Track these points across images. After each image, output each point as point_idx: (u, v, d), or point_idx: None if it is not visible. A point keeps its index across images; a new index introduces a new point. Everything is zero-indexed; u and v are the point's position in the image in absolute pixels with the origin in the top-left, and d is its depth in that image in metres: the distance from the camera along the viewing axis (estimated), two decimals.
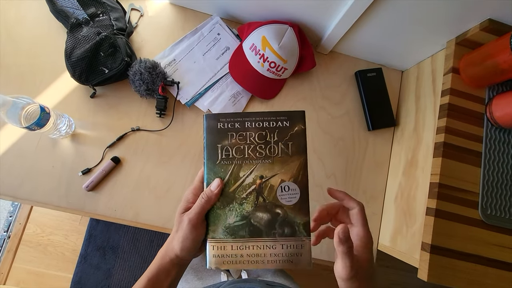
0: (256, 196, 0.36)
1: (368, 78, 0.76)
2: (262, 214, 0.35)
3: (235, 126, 0.37)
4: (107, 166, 0.63)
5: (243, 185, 0.36)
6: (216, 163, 0.36)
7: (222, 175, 0.36)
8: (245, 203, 0.36)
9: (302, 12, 0.66)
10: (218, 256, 0.35)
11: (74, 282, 1.29)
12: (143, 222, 0.64)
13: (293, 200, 0.35)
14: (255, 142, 0.36)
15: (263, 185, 0.36)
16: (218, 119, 0.37)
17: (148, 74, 0.62)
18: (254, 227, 0.35)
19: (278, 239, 0.35)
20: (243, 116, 0.37)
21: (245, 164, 0.36)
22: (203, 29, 0.70)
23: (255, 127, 0.36)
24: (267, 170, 0.36)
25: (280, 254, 0.35)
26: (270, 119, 0.37)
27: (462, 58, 0.59)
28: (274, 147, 0.36)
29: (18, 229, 1.33)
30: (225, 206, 0.36)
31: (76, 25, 0.62)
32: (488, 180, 0.56)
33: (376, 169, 0.75)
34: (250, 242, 0.35)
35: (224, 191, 0.36)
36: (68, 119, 0.63)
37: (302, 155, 0.36)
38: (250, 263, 0.35)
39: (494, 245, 0.54)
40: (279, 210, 0.35)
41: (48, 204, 0.61)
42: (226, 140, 0.36)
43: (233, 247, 0.35)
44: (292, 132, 0.37)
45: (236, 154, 0.36)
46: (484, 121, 0.58)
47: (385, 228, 0.70)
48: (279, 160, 0.36)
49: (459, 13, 0.56)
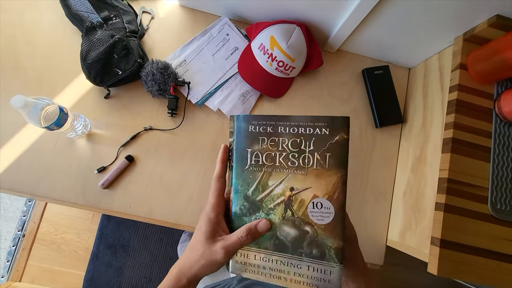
0: (284, 208, 0.33)
1: (375, 76, 0.77)
2: (289, 229, 0.33)
3: (267, 130, 0.33)
4: (122, 164, 0.65)
5: (271, 195, 0.33)
6: (245, 169, 0.34)
7: (250, 182, 0.34)
8: (272, 214, 0.33)
9: (309, 11, 0.67)
10: (241, 263, 0.34)
11: (86, 279, 1.32)
12: (156, 219, 0.66)
13: (325, 220, 0.32)
14: (288, 149, 0.33)
15: (293, 198, 0.33)
16: (249, 121, 0.34)
17: (160, 75, 0.64)
18: (280, 241, 0.33)
19: (305, 259, 0.32)
20: (277, 120, 0.33)
21: (275, 173, 0.33)
22: (212, 30, 0.72)
23: (289, 132, 0.33)
24: (299, 182, 0.32)
25: (305, 275, 0.32)
26: (307, 124, 0.32)
27: (470, 54, 0.59)
28: (309, 157, 0.32)
29: (33, 228, 1.37)
30: (251, 214, 0.34)
31: (90, 29, 0.65)
32: (498, 175, 0.56)
33: (384, 166, 0.75)
34: (274, 256, 0.33)
35: (251, 199, 0.34)
36: (84, 120, 0.65)
37: (341, 169, 0.32)
38: (272, 277, 0.33)
39: (505, 240, 0.55)
40: (308, 228, 0.32)
41: (66, 202, 0.64)
42: (256, 144, 0.34)
43: (256, 257, 0.33)
44: (331, 142, 0.32)
45: (267, 161, 0.33)
46: (492, 116, 0.58)
47: (393, 224, 0.71)
48: (314, 172, 0.32)
49: (467, 10, 0.56)
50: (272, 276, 0.33)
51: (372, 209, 0.73)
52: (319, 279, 0.32)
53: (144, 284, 1.35)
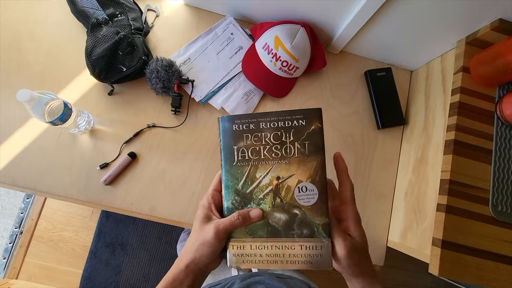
0: (273, 196, 0.35)
1: (378, 78, 0.77)
2: (279, 215, 0.35)
3: (250, 127, 0.36)
4: (124, 161, 0.65)
5: (260, 186, 0.36)
6: (233, 165, 0.36)
7: (239, 177, 0.36)
8: (262, 204, 0.35)
9: (314, 12, 0.67)
10: (238, 255, 0.35)
11: (84, 277, 1.32)
12: (158, 216, 0.66)
13: (311, 201, 0.35)
14: (271, 142, 0.36)
15: (280, 185, 0.35)
16: (233, 121, 0.36)
17: (165, 72, 0.64)
18: (272, 227, 0.35)
19: (297, 239, 0.35)
20: (258, 117, 0.36)
21: (261, 165, 0.36)
22: (217, 29, 0.72)
23: (270, 127, 0.36)
24: (283, 170, 0.35)
25: (299, 255, 0.35)
26: (285, 118, 0.36)
27: (472, 57, 0.60)
28: (290, 147, 0.35)
29: (30, 225, 1.36)
30: (243, 206, 0.36)
31: (96, 25, 0.65)
32: (499, 178, 0.57)
33: (385, 167, 0.76)
34: (268, 242, 0.35)
35: (241, 192, 0.36)
36: (88, 115, 0.65)
37: (319, 154, 0.35)
38: (269, 263, 0.35)
39: (505, 242, 0.55)
40: (296, 211, 0.35)
41: (68, 197, 0.63)
42: (241, 141, 0.36)
43: (252, 246, 0.35)
44: (308, 131, 0.35)
45: (252, 156, 0.36)
46: (494, 119, 0.59)
47: (394, 225, 0.71)
48: (296, 160, 0.35)
49: (470, 13, 0.57)
50: (269, 261, 0.35)
51: (373, 210, 0.73)
52: (312, 256, 0.34)
53: (142, 283, 1.34)
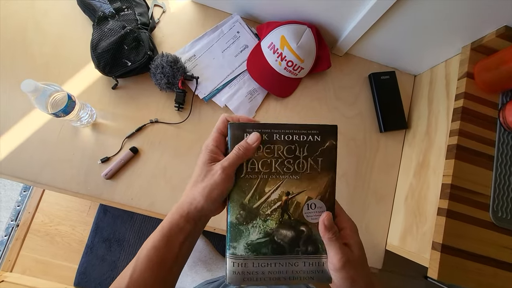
0: (281, 213, 0.34)
1: (382, 81, 0.78)
2: (286, 232, 0.34)
3: (263, 138, 0.34)
4: (126, 155, 0.65)
5: (268, 201, 0.34)
6: (241, 177, 0.34)
7: (246, 190, 0.34)
8: (269, 220, 0.34)
9: (321, 14, 0.67)
10: (238, 273, 0.33)
11: (79, 272, 1.31)
12: (158, 212, 0.65)
13: (318, 218, 0.34)
14: (283, 156, 0.34)
15: (289, 202, 0.34)
16: (244, 129, 0.34)
17: (170, 68, 0.64)
18: (278, 245, 0.34)
19: (301, 256, 0.34)
20: (272, 128, 0.34)
21: (271, 179, 0.34)
22: (223, 27, 0.72)
23: (284, 140, 0.34)
24: (294, 186, 0.34)
25: (301, 271, 0.34)
26: (301, 132, 0.34)
27: (477, 63, 0.60)
28: (303, 162, 0.34)
29: (27, 218, 1.35)
30: (248, 222, 0.34)
31: (102, 19, 0.65)
32: (500, 184, 0.57)
33: (386, 170, 0.76)
34: (272, 260, 0.34)
35: (247, 207, 0.34)
36: (90, 109, 0.65)
37: (331, 172, 0.34)
38: (271, 280, 0.34)
39: (505, 248, 0.55)
40: (303, 228, 0.34)
41: (68, 190, 0.63)
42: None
43: (254, 264, 0.33)
44: (323, 148, 0.34)
45: (262, 168, 0.34)
46: (497, 125, 0.59)
47: (394, 228, 0.71)
48: (307, 176, 0.34)
49: (476, 20, 0.57)
50: (271, 279, 0.34)
51: (373, 213, 0.73)
52: (314, 272, 0.34)
53: None
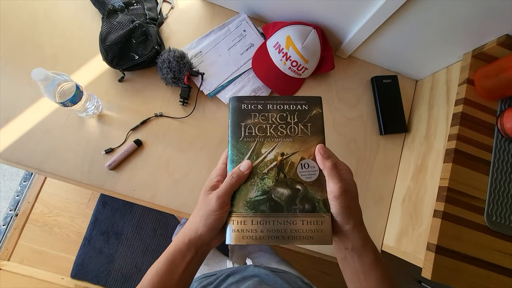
0: (277, 172, 0.37)
1: (384, 84, 0.79)
2: (283, 190, 0.36)
3: (258, 107, 0.39)
4: (130, 147, 0.66)
5: (264, 161, 0.37)
6: (239, 140, 0.38)
7: (245, 151, 0.37)
8: (266, 178, 0.36)
9: (327, 15, 0.69)
10: (238, 230, 0.35)
11: (76, 263, 1.32)
12: (159, 204, 0.66)
13: (312, 177, 0.36)
14: (277, 122, 0.38)
15: (284, 161, 0.37)
16: (242, 100, 0.39)
17: (176, 63, 0.65)
18: (275, 203, 0.36)
19: (299, 214, 0.35)
20: (265, 99, 0.39)
21: (267, 142, 0.38)
22: (230, 25, 0.73)
23: (276, 109, 0.39)
24: (288, 148, 0.37)
25: (300, 230, 0.35)
26: (290, 102, 0.39)
27: (477, 70, 0.62)
28: (294, 127, 0.38)
29: (26, 208, 1.36)
30: (246, 180, 0.36)
31: (112, 12, 0.66)
32: (495, 188, 0.58)
33: (385, 172, 0.77)
34: (270, 217, 0.35)
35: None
36: (97, 100, 0.66)
37: (320, 135, 0.38)
38: (270, 239, 0.35)
39: (498, 251, 0.56)
40: (299, 186, 0.36)
41: (71, 179, 0.64)
42: (249, 119, 0.38)
43: (253, 221, 0.35)
44: (310, 115, 0.39)
45: (259, 132, 0.38)
46: (494, 132, 0.60)
47: (390, 229, 0.72)
48: (299, 139, 0.38)
49: (478, 28, 0.59)
50: (270, 237, 0.35)
51: (371, 213, 0.74)
52: (313, 231, 0.35)
53: (134, 273, 1.35)
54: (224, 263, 0.72)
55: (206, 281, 0.56)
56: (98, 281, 1.31)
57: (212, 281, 0.56)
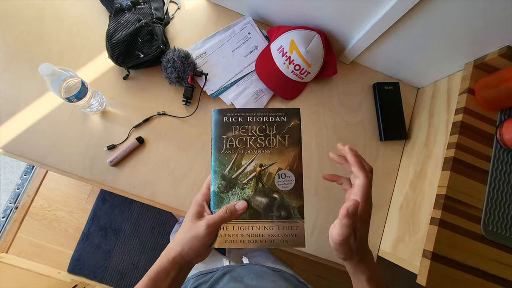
0: (256, 182, 0.40)
1: (385, 91, 0.80)
2: (261, 199, 0.39)
3: (239, 120, 0.41)
4: (132, 144, 0.66)
5: (244, 172, 0.40)
6: (221, 152, 0.40)
7: (226, 163, 0.40)
8: (246, 188, 0.39)
9: (331, 21, 0.70)
10: (221, 235, 0.38)
11: (74, 258, 1.32)
12: (158, 202, 0.67)
13: (289, 186, 0.39)
14: (256, 134, 0.41)
15: (262, 172, 0.40)
16: (223, 113, 0.41)
17: (181, 63, 0.66)
18: (254, 210, 0.39)
19: (275, 221, 0.39)
20: (246, 112, 0.41)
21: (246, 154, 0.40)
22: (235, 27, 0.74)
23: (256, 121, 0.41)
24: (266, 159, 0.40)
25: (276, 234, 0.39)
26: (269, 114, 0.41)
27: (478, 80, 0.62)
28: (272, 139, 0.41)
29: (26, 201, 1.37)
30: (228, 190, 0.39)
31: (119, 10, 0.67)
32: (493, 198, 0.59)
33: (383, 178, 0.77)
34: (250, 223, 0.39)
35: (227, 177, 0.40)
36: (101, 97, 0.66)
37: (297, 146, 0.41)
38: (249, 242, 0.39)
39: (493, 261, 0.57)
40: (276, 195, 0.39)
41: (72, 174, 0.65)
42: (230, 132, 0.41)
43: (234, 227, 0.39)
44: (288, 127, 0.41)
45: (239, 145, 0.40)
46: (493, 142, 0.61)
47: (387, 235, 0.73)
48: (277, 150, 0.40)
49: (480, 38, 0.59)
50: (249, 241, 0.39)
51: None
52: (288, 235, 0.39)
53: (130, 270, 1.35)
54: (220, 261, 0.72)
55: (202, 279, 0.57)
56: (94, 276, 1.32)
57: (208, 279, 0.56)
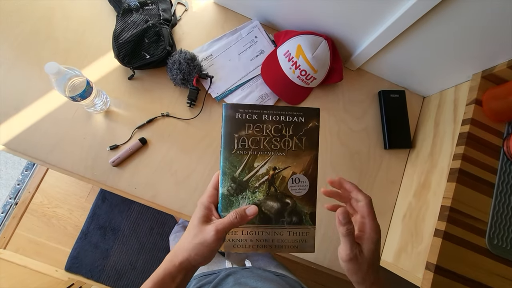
0: (268, 186, 0.37)
1: (391, 99, 0.79)
2: (272, 203, 0.37)
3: (253, 117, 0.37)
4: (134, 145, 0.66)
5: (256, 175, 0.37)
6: (232, 153, 0.37)
7: (237, 165, 0.37)
8: (257, 192, 0.37)
9: (338, 27, 0.69)
10: (229, 240, 0.37)
11: (71, 256, 1.32)
12: (160, 204, 0.66)
13: (302, 192, 0.38)
14: (271, 134, 0.38)
15: (276, 176, 0.37)
16: (236, 109, 0.37)
17: (186, 65, 0.66)
18: (265, 215, 0.37)
19: (286, 226, 0.37)
20: (261, 109, 0.38)
21: (260, 155, 0.37)
22: (242, 31, 0.74)
23: (272, 120, 0.38)
24: (280, 162, 0.37)
25: (286, 240, 0.37)
26: (287, 113, 0.38)
27: (486, 91, 0.62)
28: (288, 140, 0.38)
29: (26, 197, 1.36)
30: (238, 193, 0.37)
31: (127, 11, 0.67)
32: (498, 212, 0.58)
33: (387, 187, 0.77)
34: (259, 229, 0.37)
35: (238, 180, 0.37)
36: (105, 96, 0.66)
37: (314, 150, 0.38)
38: (258, 247, 0.37)
39: (497, 275, 0.56)
40: (288, 200, 0.37)
41: (74, 173, 0.64)
42: (243, 130, 0.37)
43: (243, 232, 0.37)
44: (306, 128, 0.38)
45: (252, 145, 0.37)
46: (500, 154, 0.60)
47: (389, 245, 0.72)
48: (292, 153, 0.38)
49: (489, 49, 0.59)
50: (258, 246, 0.37)
51: None
52: (298, 241, 0.38)
53: (128, 270, 1.34)
54: (223, 263, 0.71)
55: (205, 280, 0.56)
56: (91, 275, 1.31)
57: (211, 280, 0.56)
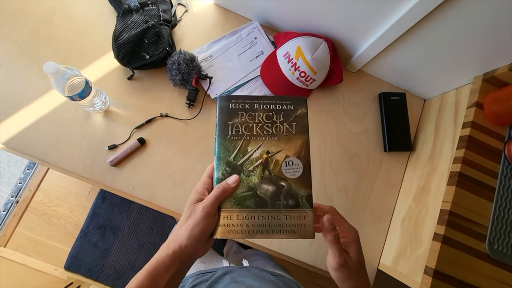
0: (262, 169, 0.38)
1: (391, 101, 0.78)
2: (267, 186, 0.38)
3: (245, 106, 0.40)
4: (133, 145, 0.66)
5: (250, 159, 0.38)
6: (226, 138, 0.39)
7: (231, 149, 0.38)
8: (252, 175, 0.38)
9: (338, 29, 0.69)
10: (224, 225, 0.36)
11: (71, 255, 1.32)
12: (157, 204, 0.66)
13: (296, 174, 0.38)
14: (263, 121, 0.40)
15: (269, 159, 0.38)
16: (230, 100, 0.40)
17: (186, 66, 0.66)
18: (260, 198, 0.37)
19: (283, 210, 0.37)
20: (253, 99, 0.41)
21: (253, 140, 0.39)
22: (242, 32, 0.74)
23: (263, 108, 0.40)
24: (273, 146, 0.39)
25: (284, 224, 0.37)
26: (277, 102, 0.41)
27: (487, 94, 0.61)
28: (279, 126, 0.40)
29: (27, 196, 1.37)
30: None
31: (127, 11, 0.67)
32: (499, 216, 0.57)
33: (386, 190, 0.76)
34: (255, 213, 0.37)
35: (232, 164, 0.38)
36: (105, 96, 0.66)
37: (304, 134, 0.40)
38: (255, 233, 0.36)
39: (497, 281, 0.55)
40: (283, 183, 0.38)
41: (73, 173, 0.65)
42: (236, 118, 0.39)
43: (239, 216, 0.37)
44: (296, 114, 0.40)
45: (245, 131, 0.39)
46: (501, 158, 0.59)
47: (388, 249, 0.71)
48: (284, 138, 0.39)
49: (490, 52, 0.58)
50: (255, 231, 0.36)
51: (369, 230, 0.73)
52: (296, 225, 0.37)
53: (127, 270, 1.34)
54: (220, 262, 0.71)
55: (202, 278, 0.56)
56: (91, 274, 1.31)
57: (207, 278, 0.55)
